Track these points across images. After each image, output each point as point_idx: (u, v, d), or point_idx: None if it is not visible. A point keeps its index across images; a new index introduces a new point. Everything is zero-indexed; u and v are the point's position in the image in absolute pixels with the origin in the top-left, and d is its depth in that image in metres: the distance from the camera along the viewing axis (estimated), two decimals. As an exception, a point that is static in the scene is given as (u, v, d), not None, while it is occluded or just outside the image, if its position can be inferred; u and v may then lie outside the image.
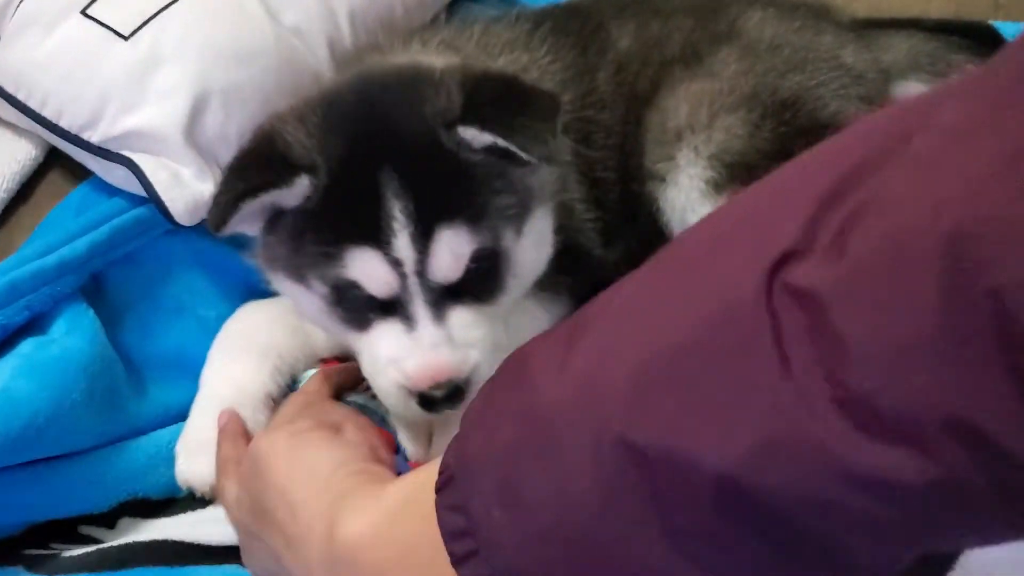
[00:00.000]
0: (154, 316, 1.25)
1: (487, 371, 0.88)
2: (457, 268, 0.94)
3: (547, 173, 1.04)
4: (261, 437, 0.93)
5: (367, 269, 0.93)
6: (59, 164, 1.33)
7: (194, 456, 1.08)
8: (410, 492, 0.77)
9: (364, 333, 0.97)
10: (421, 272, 0.93)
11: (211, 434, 1.07)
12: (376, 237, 0.92)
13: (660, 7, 1.34)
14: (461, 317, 0.95)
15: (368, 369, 0.98)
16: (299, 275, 0.99)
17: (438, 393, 0.93)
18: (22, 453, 1.02)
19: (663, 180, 1.27)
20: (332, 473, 0.83)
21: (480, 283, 0.96)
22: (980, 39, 1.39)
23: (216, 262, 1.31)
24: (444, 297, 0.94)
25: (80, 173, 1.31)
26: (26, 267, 1.14)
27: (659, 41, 1.31)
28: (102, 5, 1.26)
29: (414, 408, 0.95)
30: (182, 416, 1.15)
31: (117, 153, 1.23)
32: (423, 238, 0.92)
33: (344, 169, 0.95)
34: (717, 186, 1.24)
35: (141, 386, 1.20)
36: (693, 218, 1.26)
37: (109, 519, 1.12)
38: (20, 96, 1.24)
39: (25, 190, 1.31)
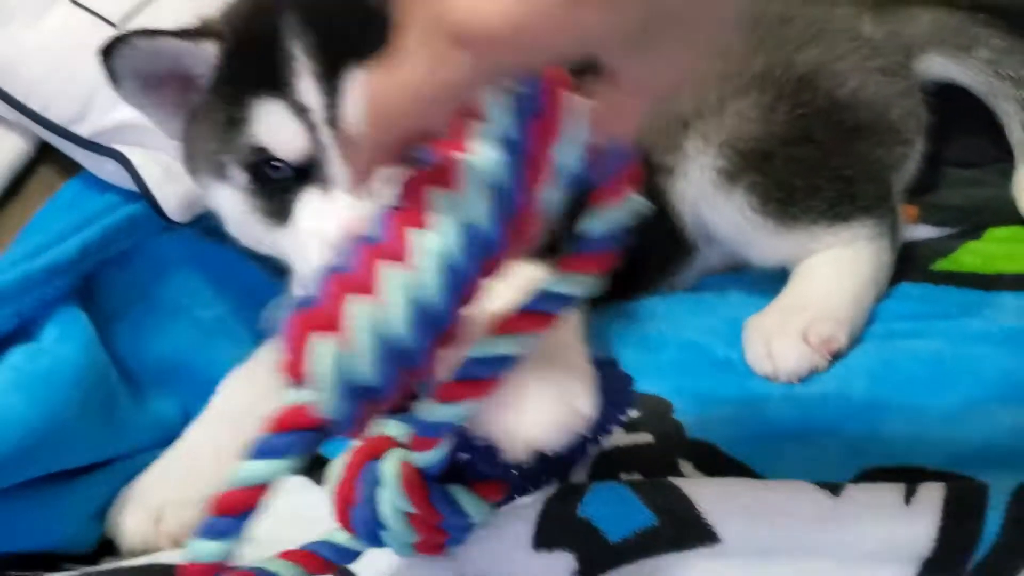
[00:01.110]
0: (149, 319, 1.20)
1: None
2: None
3: None
4: None
5: (273, 125, 0.89)
6: (50, 159, 1.26)
7: (128, 512, 1.02)
8: None
9: (288, 225, 0.92)
10: (332, 121, 0.87)
11: (157, 495, 1.02)
12: (278, 85, 0.87)
13: None
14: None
15: (296, 260, 0.93)
16: (218, 167, 0.95)
17: None
18: (14, 474, 0.96)
19: (671, 172, 1.21)
20: None
21: None
22: (1007, 14, 1.33)
23: (213, 261, 1.25)
24: None
25: (72, 167, 1.24)
26: (14, 270, 1.08)
27: None
28: (92, -9, 1.20)
29: None
30: (178, 432, 1.11)
31: (107, 147, 1.17)
32: (331, 80, 0.86)
33: (247, 27, 0.92)
34: (731, 176, 1.18)
35: (137, 396, 1.15)
36: (708, 212, 1.21)
37: (92, 559, 1.04)
38: (5, 87, 1.18)
39: (15, 186, 1.25)
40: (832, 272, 1.17)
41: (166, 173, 1.15)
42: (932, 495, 0.88)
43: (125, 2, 1.20)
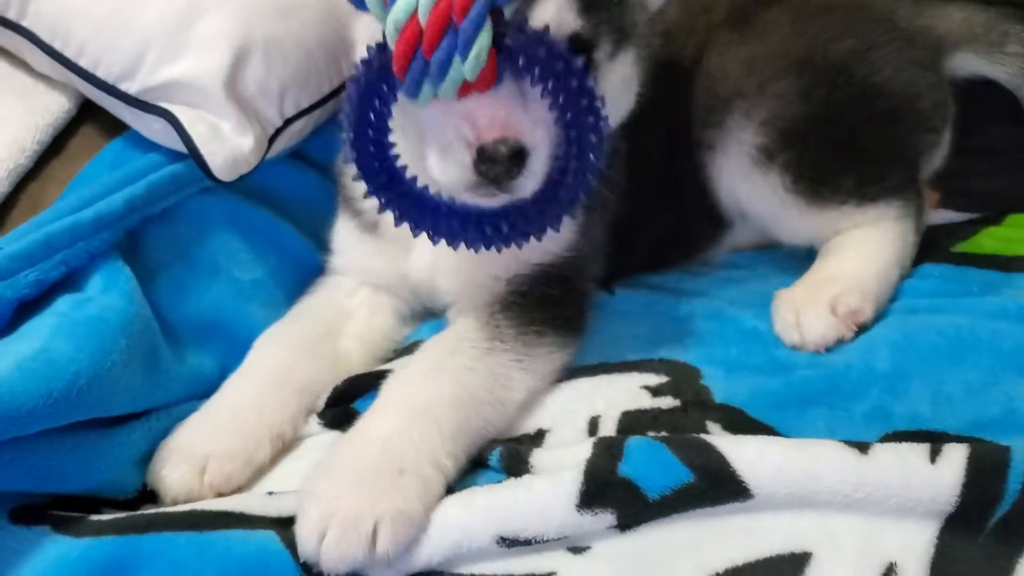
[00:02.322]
0: (189, 277, 1.22)
1: (542, 162, 0.91)
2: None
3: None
4: None
5: None
6: (93, 118, 1.28)
7: (172, 464, 1.03)
8: None
9: None
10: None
11: (200, 447, 1.04)
12: None
13: None
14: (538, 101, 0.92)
15: (435, 144, 0.95)
16: None
17: (501, 148, 0.90)
18: (63, 416, 0.97)
19: (713, 147, 1.24)
20: None
21: None
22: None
23: (252, 223, 1.28)
24: None
25: (114, 127, 1.27)
26: (62, 221, 1.10)
27: (705, 7, 1.28)
28: (143, -49, 1.22)
29: (469, 178, 0.92)
30: (214, 388, 1.13)
31: (155, 105, 1.19)
32: None
33: None
34: (770, 153, 1.22)
35: (178, 349, 1.16)
36: (744, 188, 1.24)
37: (133, 505, 1.06)
38: (56, 45, 1.20)
39: (58, 143, 1.27)
40: (860, 249, 1.21)
41: (213, 132, 1.17)
42: (956, 455, 0.92)
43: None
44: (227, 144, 1.18)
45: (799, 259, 1.27)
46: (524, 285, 1.11)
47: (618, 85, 1.03)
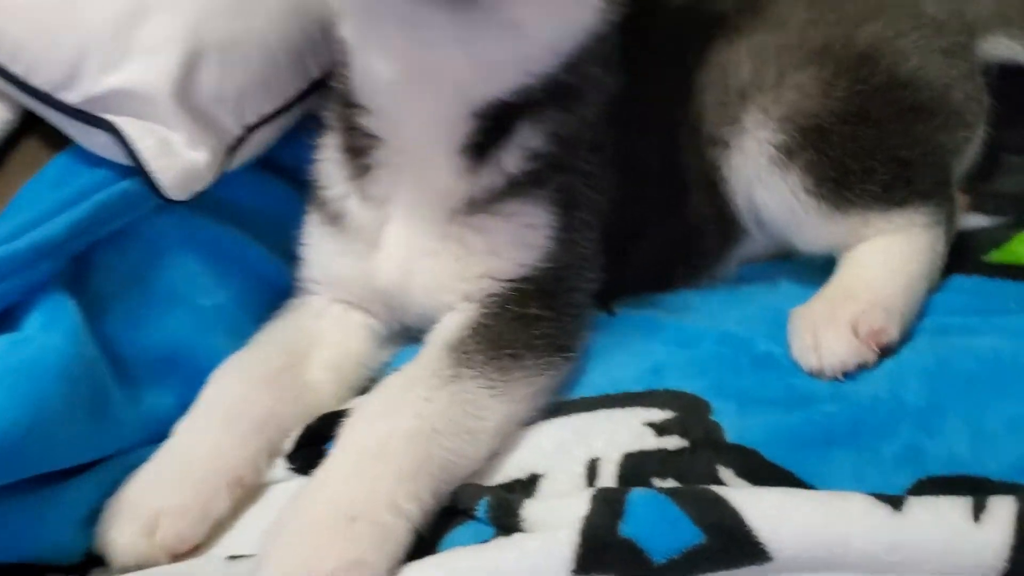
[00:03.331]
0: (145, 306, 1.12)
1: None
2: None
3: None
4: None
5: None
6: (35, 130, 1.17)
7: (119, 524, 0.94)
8: None
9: None
10: None
11: (150, 503, 0.94)
12: None
13: None
14: None
15: None
16: None
17: None
18: (-1, 473, 0.88)
19: (727, 145, 1.13)
20: None
21: None
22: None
23: (214, 242, 1.18)
24: None
25: (59, 141, 1.15)
26: (-4, 251, 1.00)
27: None
28: (82, -55, 1.11)
29: None
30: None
31: (98, 116, 1.08)
32: None
33: None
34: (790, 152, 1.11)
35: (132, 388, 1.07)
36: (760, 190, 1.13)
37: (80, 570, 0.97)
38: (-18, 50, 1.09)
39: (-4, 160, 1.16)
40: (884, 260, 1.10)
41: (163, 145, 1.07)
42: (1003, 512, 0.81)
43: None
44: (179, 159, 1.07)
45: (817, 269, 1.16)
46: (495, 305, 1.02)
47: None
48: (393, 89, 0.97)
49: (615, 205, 1.10)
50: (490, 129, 1.01)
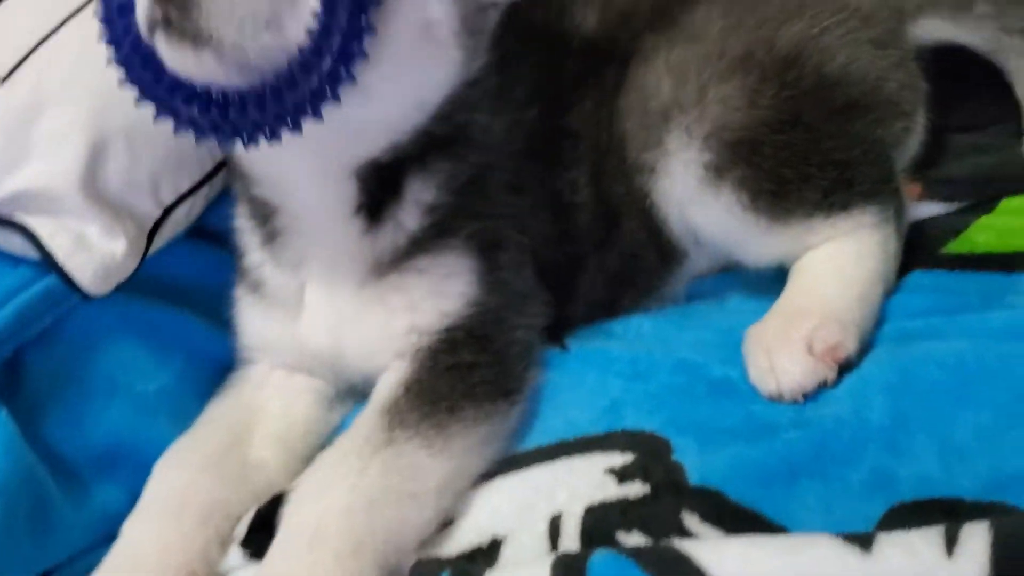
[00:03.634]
0: (83, 401, 1.08)
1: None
2: None
3: None
4: None
5: None
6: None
7: None
8: None
9: None
10: None
11: None
12: None
13: None
14: None
15: None
16: None
17: None
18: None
19: (653, 171, 1.09)
20: None
21: None
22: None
23: (150, 323, 1.14)
24: None
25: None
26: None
27: (626, 12, 1.12)
28: (-29, 44, 1.08)
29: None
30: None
31: (8, 220, 1.05)
32: None
33: None
34: (719, 170, 1.07)
35: (78, 489, 1.04)
36: (695, 212, 1.09)
37: None
38: None
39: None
40: (834, 268, 1.06)
41: (77, 242, 1.04)
42: (977, 540, 0.77)
43: (11, 51, 1.07)
44: (95, 253, 1.04)
45: (771, 279, 1.12)
46: (427, 359, 0.99)
47: (414, 28, 0.88)
48: (269, 158, 0.94)
49: (551, 239, 1.07)
50: (378, 188, 0.98)
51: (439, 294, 0.99)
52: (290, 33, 0.81)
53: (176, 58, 0.81)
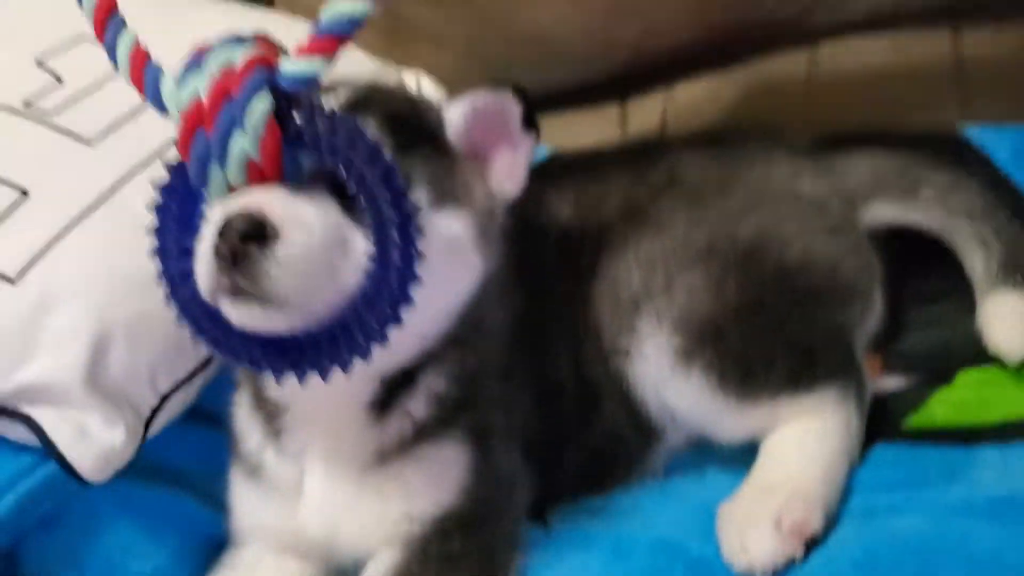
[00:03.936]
0: (81, 586, 1.10)
1: (303, 246, 0.83)
2: None
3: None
4: None
5: None
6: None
7: None
8: None
9: None
10: None
11: None
12: None
13: (595, 165, 1.23)
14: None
15: None
16: None
17: (235, 221, 0.82)
18: None
19: (627, 354, 1.14)
20: None
21: None
22: (950, 150, 1.28)
23: (146, 505, 1.17)
24: None
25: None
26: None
27: (597, 203, 1.19)
28: (-16, 245, 1.13)
29: (210, 269, 0.84)
30: None
31: (15, 411, 1.08)
32: None
33: None
34: (688, 353, 1.12)
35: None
36: (668, 393, 1.14)
37: None
38: None
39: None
40: (799, 446, 1.10)
41: (79, 432, 1.07)
42: None
43: (22, 252, 1.12)
44: (95, 442, 1.07)
45: (745, 451, 1.17)
46: (418, 547, 1.01)
47: (442, 245, 0.91)
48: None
49: (535, 421, 1.10)
50: (395, 384, 1.01)
51: (437, 483, 1.02)
52: (347, 279, 0.85)
53: (243, 317, 0.85)
